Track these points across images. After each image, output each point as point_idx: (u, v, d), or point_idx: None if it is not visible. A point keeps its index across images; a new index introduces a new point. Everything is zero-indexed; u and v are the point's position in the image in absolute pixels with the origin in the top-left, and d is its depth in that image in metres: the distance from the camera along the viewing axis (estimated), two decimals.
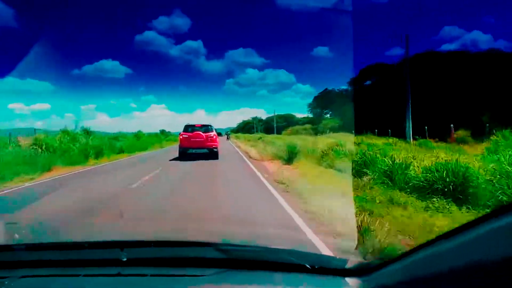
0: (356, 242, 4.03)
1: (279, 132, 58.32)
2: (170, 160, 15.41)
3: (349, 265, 1.38)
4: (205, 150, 15.41)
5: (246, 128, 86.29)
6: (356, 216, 4.92)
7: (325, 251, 3.78)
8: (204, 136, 15.19)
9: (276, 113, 71.33)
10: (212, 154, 15.32)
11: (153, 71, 70.27)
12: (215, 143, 15.35)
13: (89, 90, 68.68)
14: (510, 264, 0.69)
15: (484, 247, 0.77)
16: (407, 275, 1.04)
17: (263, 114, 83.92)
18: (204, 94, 78.40)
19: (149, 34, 59.67)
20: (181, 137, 15.65)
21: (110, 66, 62.99)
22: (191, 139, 15.19)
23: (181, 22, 62.49)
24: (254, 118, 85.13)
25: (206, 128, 15.60)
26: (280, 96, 73.15)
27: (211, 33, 64.69)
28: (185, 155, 15.45)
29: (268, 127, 70.01)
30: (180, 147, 15.70)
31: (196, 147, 15.33)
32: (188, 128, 15.67)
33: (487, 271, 0.74)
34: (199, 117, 75.01)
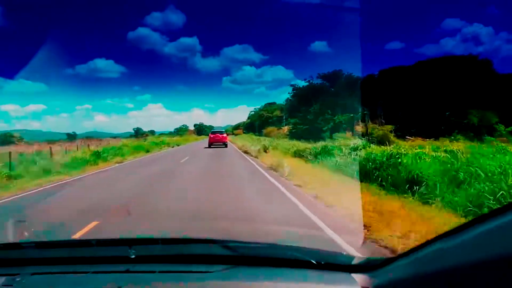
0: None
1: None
2: None
3: (355, 261, 1.37)
4: (221, 143, 30.63)
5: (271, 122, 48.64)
6: None
7: None
8: (220, 136, 31.32)
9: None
10: (224, 145, 30.74)
11: (148, 70, 69.03)
12: (226, 139, 31.66)
13: (84, 90, 68.35)
14: None
15: (491, 244, 0.77)
16: (413, 271, 1.04)
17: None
18: (201, 92, 76.48)
19: (142, 31, 58.56)
20: (209, 137, 31.84)
21: (104, 65, 62.49)
22: (215, 138, 30.94)
23: (175, 17, 61.14)
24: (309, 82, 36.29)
25: (221, 131, 32.56)
26: (278, 93, 70.66)
27: (207, 29, 62.33)
28: (210, 145, 30.35)
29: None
30: (209, 141, 31.10)
31: (216, 142, 30.66)
32: (213, 132, 32.39)
33: (493, 269, 0.74)
34: (197, 115, 73.44)
